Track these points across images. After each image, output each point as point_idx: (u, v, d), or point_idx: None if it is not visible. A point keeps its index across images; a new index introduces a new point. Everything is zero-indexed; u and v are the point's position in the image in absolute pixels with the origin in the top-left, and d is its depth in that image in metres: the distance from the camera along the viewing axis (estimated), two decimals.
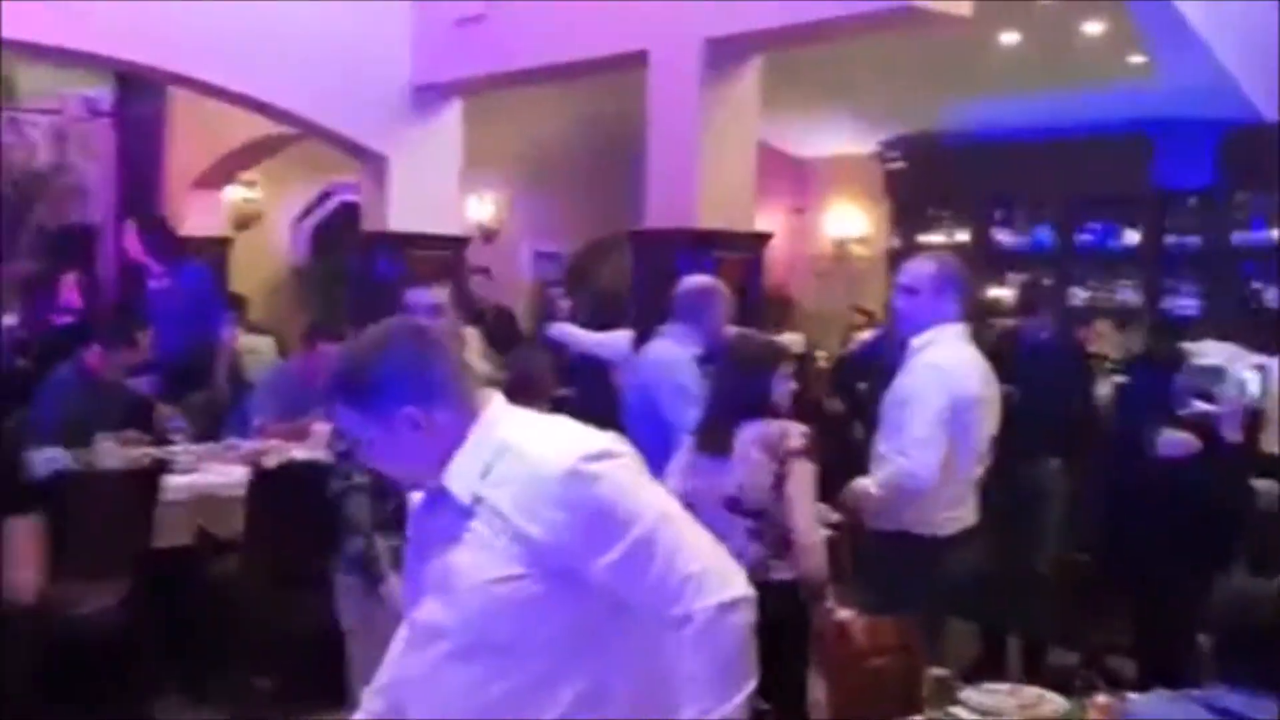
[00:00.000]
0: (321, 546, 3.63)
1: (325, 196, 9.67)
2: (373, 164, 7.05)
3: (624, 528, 1.85)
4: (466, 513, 1.88)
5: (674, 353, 4.31)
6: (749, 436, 3.50)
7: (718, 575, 1.88)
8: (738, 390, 3.60)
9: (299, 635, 4.28)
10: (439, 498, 1.92)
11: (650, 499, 1.91)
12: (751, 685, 1.88)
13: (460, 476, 1.89)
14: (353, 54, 6.67)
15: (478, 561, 1.86)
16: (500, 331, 7.12)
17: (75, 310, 6.45)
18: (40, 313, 6.67)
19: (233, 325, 7.04)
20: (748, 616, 1.88)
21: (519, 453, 1.88)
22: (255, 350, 7.24)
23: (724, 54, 5.47)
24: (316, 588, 3.69)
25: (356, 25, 6.69)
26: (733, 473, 3.49)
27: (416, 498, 2.04)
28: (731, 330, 4.29)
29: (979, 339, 3.93)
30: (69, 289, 6.71)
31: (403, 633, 2.07)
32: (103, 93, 8.98)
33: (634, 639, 1.93)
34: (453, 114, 7.12)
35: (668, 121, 5.57)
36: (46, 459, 4.55)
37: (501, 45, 6.39)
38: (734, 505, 3.48)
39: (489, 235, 9.38)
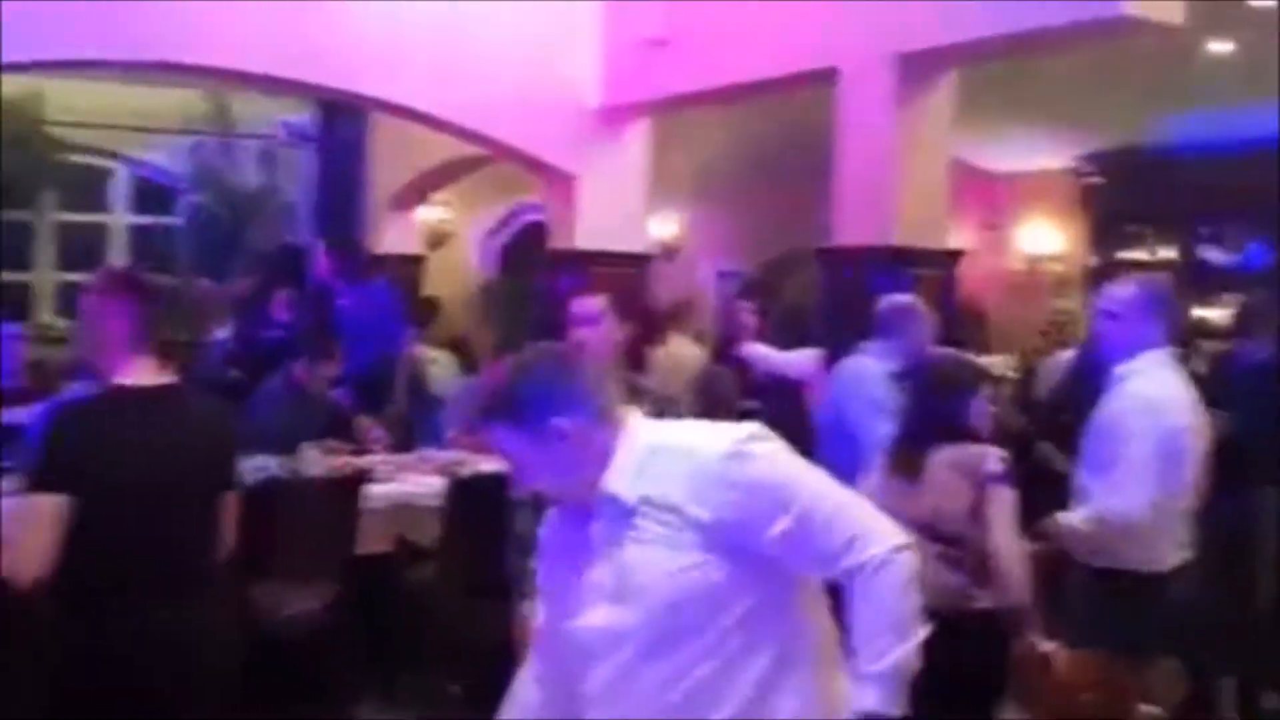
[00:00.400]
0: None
1: (513, 215, 9.91)
2: (560, 183, 7.19)
3: (788, 498, 1.99)
4: (630, 514, 2.00)
5: (871, 368, 4.27)
6: (943, 460, 3.41)
7: (880, 528, 2.04)
8: (933, 411, 3.52)
9: (490, 642, 4.38)
10: (590, 508, 2.04)
11: (805, 470, 2.06)
12: (923, 631, 2.02)
13: (621, 480, 2.02)
14: (542, 77, 6.84)
15: (655, 557, 1.98)
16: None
17: (284, 325, 6.78)
18: (252, 328, 7.04)
19: (415, 340, 7.30)
20: (913, 562, 2.03)
21: (675, 449, 2.04)
22: (438, 363, 7.47)
23: (918, 69, 5.40)
24: (507, 597, 3.77)
25: (546, 49, 6.86)
26: (925, 497, 3.42)
27: (550, 516, 2.15)
28: (933, 350, 4.22)
29: (1186, 363, 3.76)
30: (279, 306, 7.06)
31: (551, 651, 2.15)
32: (308, 119, 9.41)
33: (811, 599, 2.09)
34: (638, 133, 7.22)
35: (858, 138, 5.52)
36: (256, 466, 4.79)
37: (688, 65, 6.45)
38: (927, 531, 3.40)
39: (670, 253, 9.45)
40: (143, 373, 2.86)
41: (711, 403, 4.49)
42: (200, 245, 9.00)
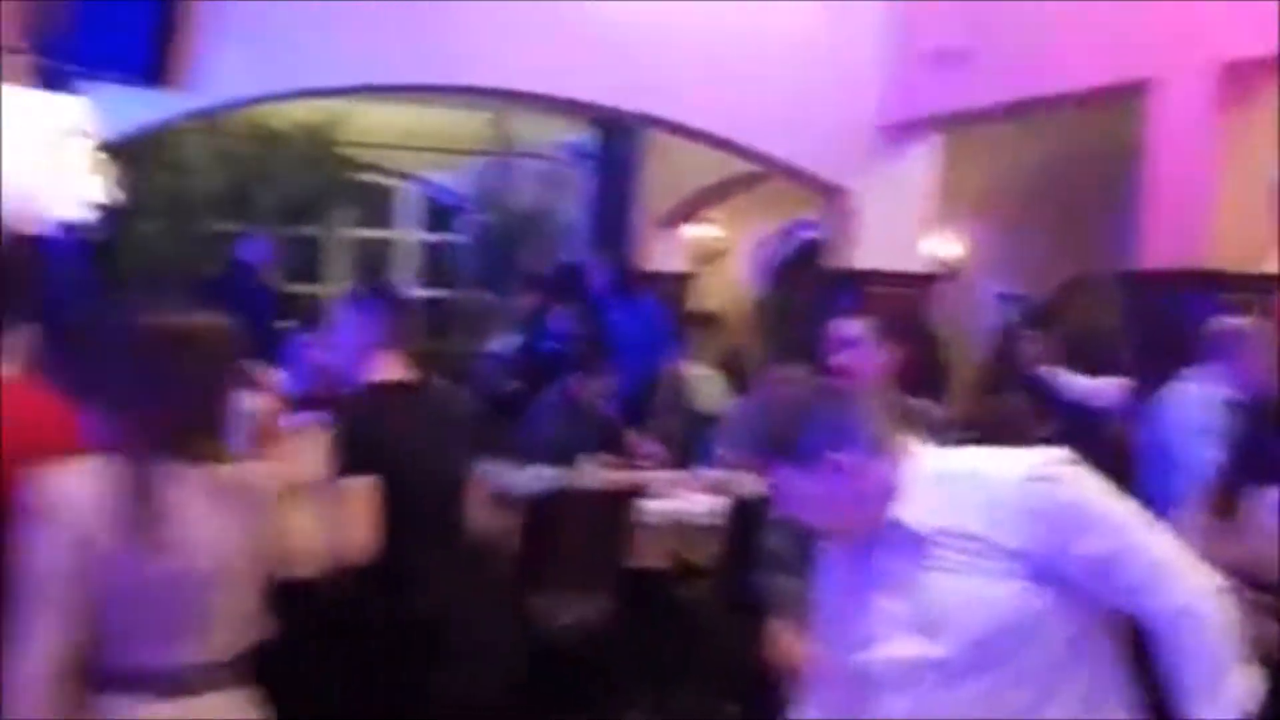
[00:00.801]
0: None
1: (786, 233, 9.85)
2: (838, 200, 7.08)
3: (1094, 525, 1.93)
4: (923, 543, 1.96)
5: (1196, 395, 3.98)
6: (1268, 502, 3.14)
7: (1193, 568, 1.96)
8: (1259, 449, 3.24)
9: (766, 664, 4.33)
10: (871, 539, 2.01)
11: (1114, 498, 1.98)
12: (1256, 676, 1.94)
13: (911, 510, 1.98)
14: (822, 91, 6.75)
15: (965, 585, 1.94)
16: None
17: (561, 339, 6.96)
18: (532, 341, 7.26)
19: (684, 357, 7.31)
20: (1229, 607, 1.96)
21: (968, 476, 2.00)
22: (706, 380, 7.46)
23: (1242, 79, 5.03)
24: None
25: (828, 63, 6.78)
26: (1244, 540, 3.15)
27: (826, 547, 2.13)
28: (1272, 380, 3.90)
29: None
30: (557, 320, 7.25)
31: (834, 682, 2.11)
32: (585, 139, 9.64)
33: (1120, 634, 2.02)
34: (923, 150, 7.04)
35: (1172, 154, 5.19)
36: (534, 476, 4.91)
37: (985, 78, 6.23)
38: (1244, 576, 3.13)
39: (950, 274, 9.16)
40: (391, 371, 3.16)
41: (1005, 430, 4.28)
42: (481, 261, 9.36)
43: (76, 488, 2.06)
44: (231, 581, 2.16)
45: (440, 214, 9.98)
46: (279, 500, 2.22)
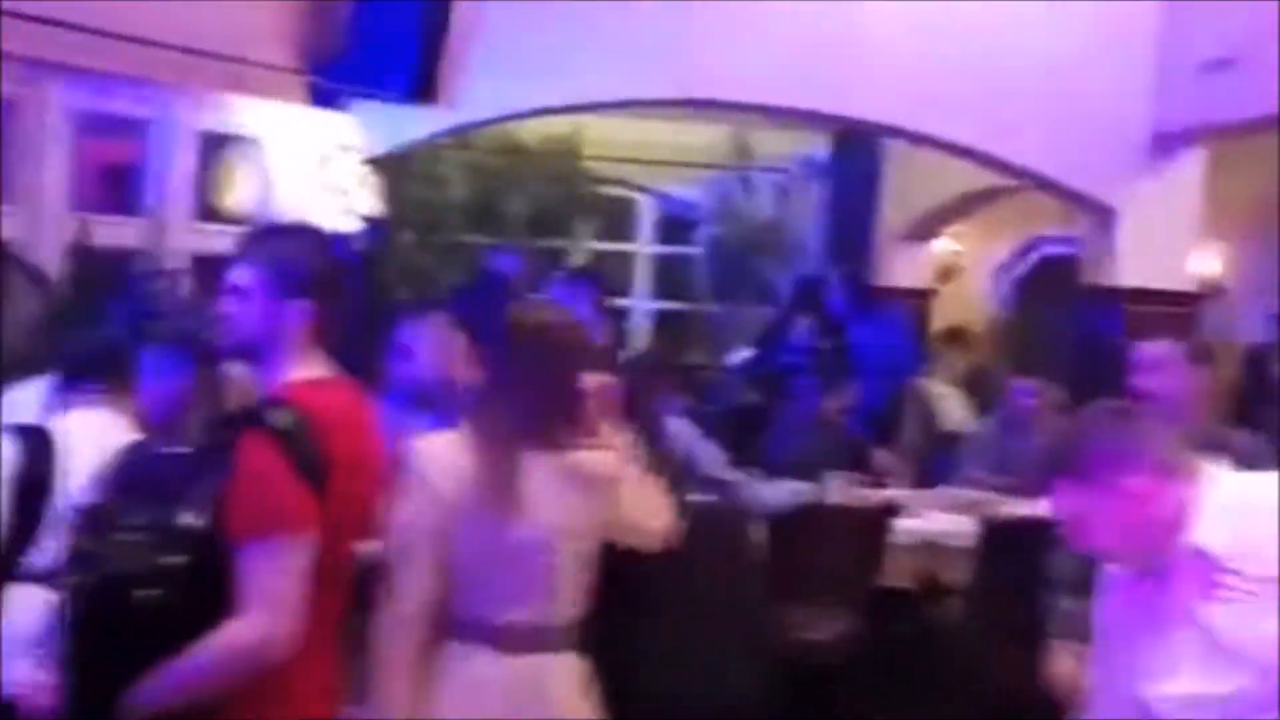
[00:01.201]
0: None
1: (1030, 248, 9.56)
2: (1099, 216, 6.83)
3: None
4: (1221, 572, 1.91)
5: None
6: None
7: None
8: None
9: (1015, 692, 4.21)
10: (1160, 566, 1.97)
11: None
12: None
13: (1210, 536, 1.94)
14: (1086, 103, 6.52)
15: (1253, 619, 1.89)
16: None
17: (802, 353, 6.95)
18: (772, 354, 7.27)
19: (926, 374, 7.18)
20: None
21: (1270, 505, 1.93)
22: (949, 399, 7.30)
23: None
24: (1036, 643, 3.61)
25: (1087, 73, 6.54)
26: None
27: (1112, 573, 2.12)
28: None
29: None
30: (799, 334, 7.25)
31: (1113, 712, 2.07)
32: (821, 151, 9.59)
33: None
34: (1190, 163, 6.72)
35: None
36: (780, 490, 4.91)
37: (1252, 88, 5.90)
38: None
39: (1216, 292, 8.70)
40: None
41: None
42: (716, 274, 9.42)
43: (445, 457, 2.37)
44: (572, 554, 2.42)
45: (677, 227, 10.10)
46: (615, 484, 2.45)
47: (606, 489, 2.45)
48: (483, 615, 2.37)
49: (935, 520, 5.02)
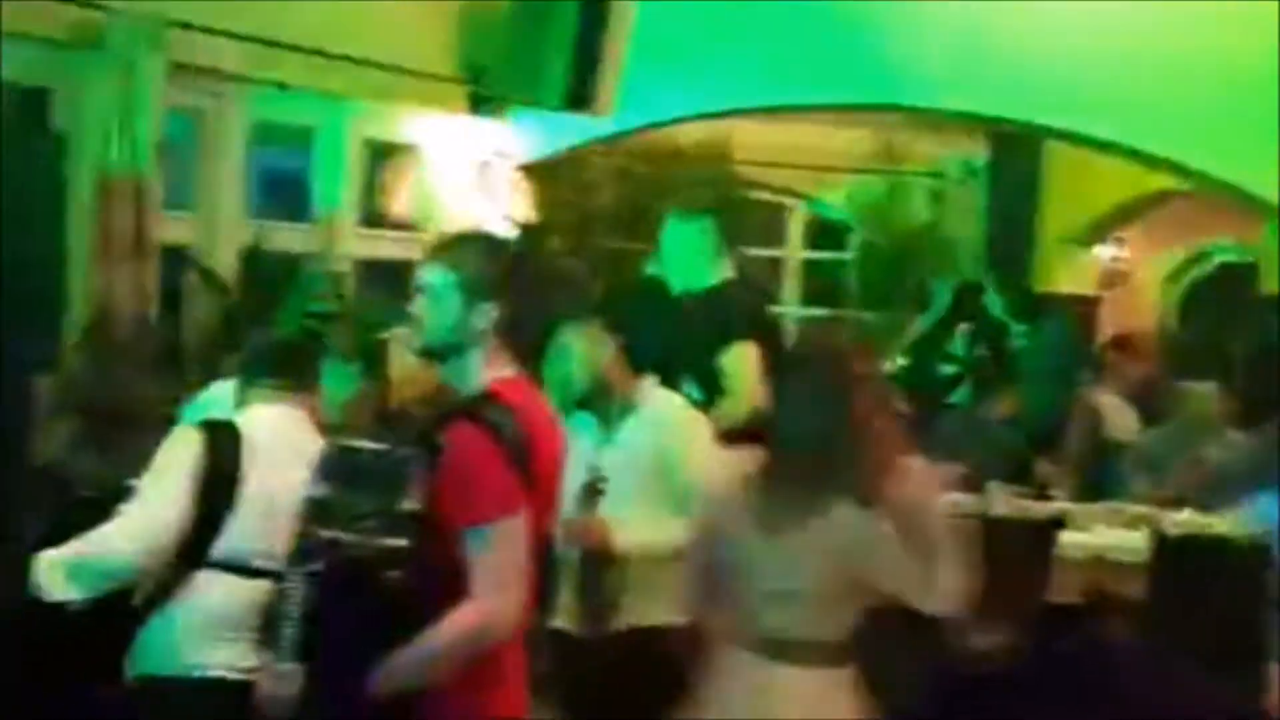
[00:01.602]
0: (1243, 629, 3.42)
1: (1200, 257, 9.26)
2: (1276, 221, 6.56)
3: None
4: None
5: None
6: None
7: None
8: None
9: (1194, 716, 4.08)
10: None
11: None
12: None
13: None
14: (1264, 104, 6.25)
15: None
16: None
17: (960, 361, 6.85)
18: (928, 361, 7.18)
19: (1093, 384, 6.98)
20: None
21: None
22: (1116, 409, 7.09)
23: None
24: (1215, 663, 3.50)
25: (1269, 74, 6.27)
26: None
27: None
28: None
29: None
30: (956, 341, 7.14)
31: None
32: (979, 154, 9.43)
33: None
34: None
35: None
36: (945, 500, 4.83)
37: None
38: None
39: None
40: None
41: None
42: (868, 280, 9.33)
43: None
44: (845, 580, 2.57)
45: (828, 232, 10.04)
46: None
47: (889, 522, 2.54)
48: (741, 623, 2.60)
49: (1103, 534, 4.90)
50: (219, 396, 3.25)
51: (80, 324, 4.58)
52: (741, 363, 4.14)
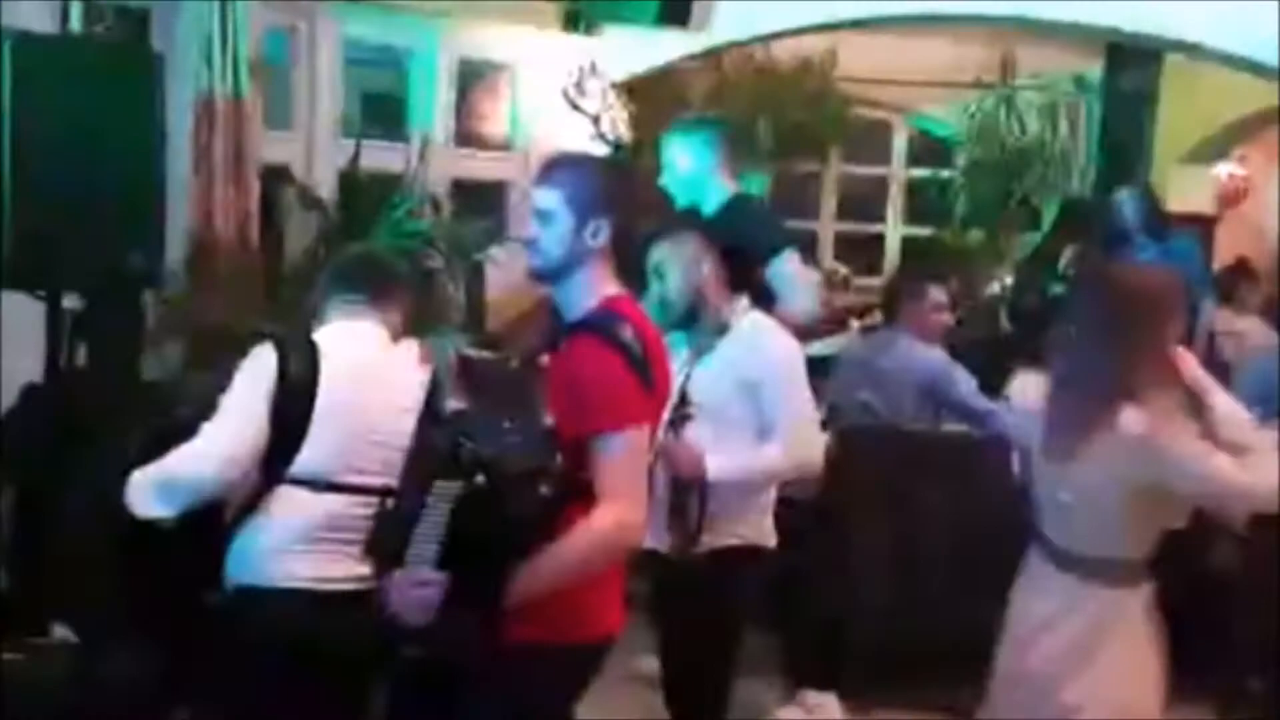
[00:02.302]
0: None
1: None
2: None
3: None
4: None
5: None
6: None
7: None
8: None
9: None
10: None
11: None
12: None
13: None
14: None
15: None
16: None
17: (1070, 280, 6.69)
18: (1036, 282, 7.04)
19: (1214, 306, 6.79)
20: None
21: None
22: (1238, 334, 6.89)
23: None
24: None
25: None
26: None
27: None
28: None
29: None
30: (1068, 261, 6.97)
31: None
32: (1092, 68, 9.15)
33: None
34: None
35: None
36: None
37: None
38: None
39: None
40: None
41: None
42: (974, 198, 9.16)
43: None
44: (1132, 500, 2.66)
45: (933, 150, 9.86)
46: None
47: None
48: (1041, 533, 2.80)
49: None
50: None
51: (182, 244, 4.74)
52: (794, 266, 4.28)
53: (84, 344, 4.05)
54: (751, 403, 3.31)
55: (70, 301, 3.99)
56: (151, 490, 2.77)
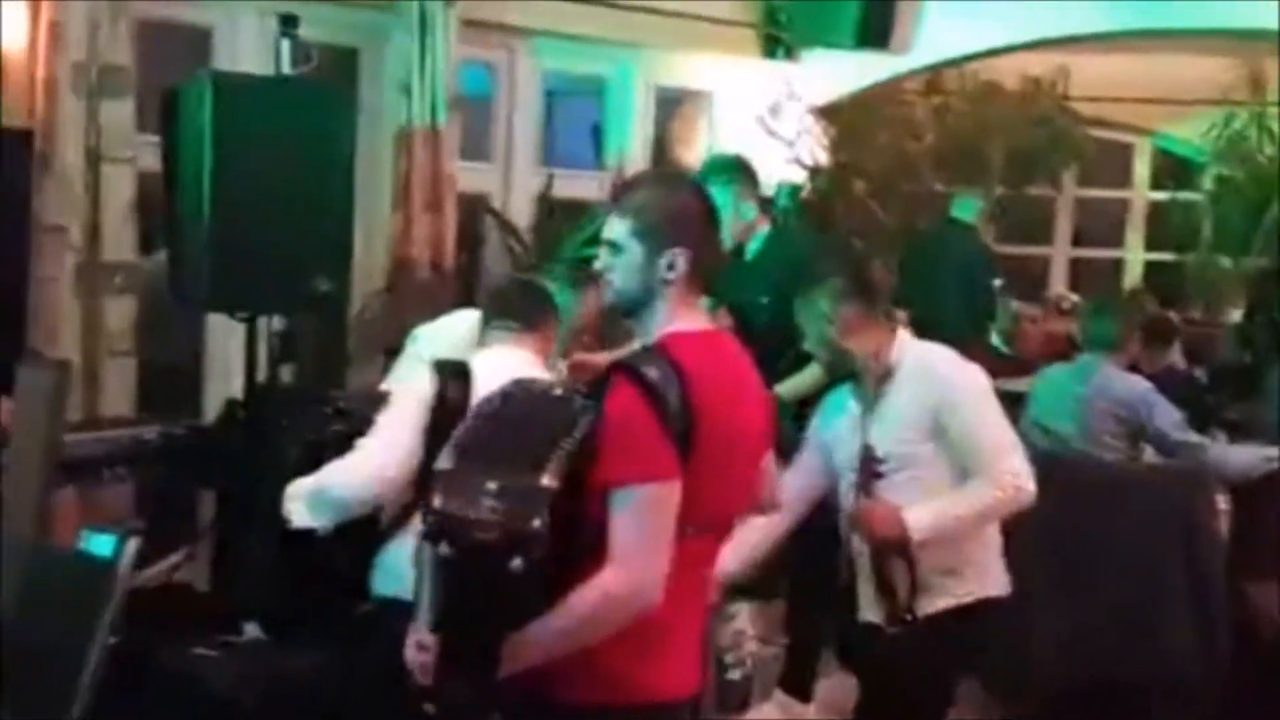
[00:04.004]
0: None
1: None
2: None
3: None
4: None
5: None
6: None
7: None
8: None
9: None
10: None
11: None
12: None
13: None
14: None
15: None
16: None
17: None
18: (1270, 308, 6.69)
19: None
20: None
21: None
22: None
23: None
24: None
25: None
26: None
27: None
28: None
29: None
30: None
31: None
32: None
33: None
34: None
35: None
36: (1256, 455, 4.57)
37: None
38: None
39: None
40: None
41: None
42: (1222, 221, 8.73)
43: None
44: None
45: (1177, 171, 9.45)
46: None
47: None
48: None
49: None
50: (446, 326, 3.50)
51: (376, 269, 5.09)
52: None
53: (284, 361, 4.41)
54: (941, 442, 3.08)
55: (275, 324, 4.37)
56: (305, 501, 2.98)
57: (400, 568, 2.89)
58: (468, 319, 3.98)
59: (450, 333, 3.65)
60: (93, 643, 2.56)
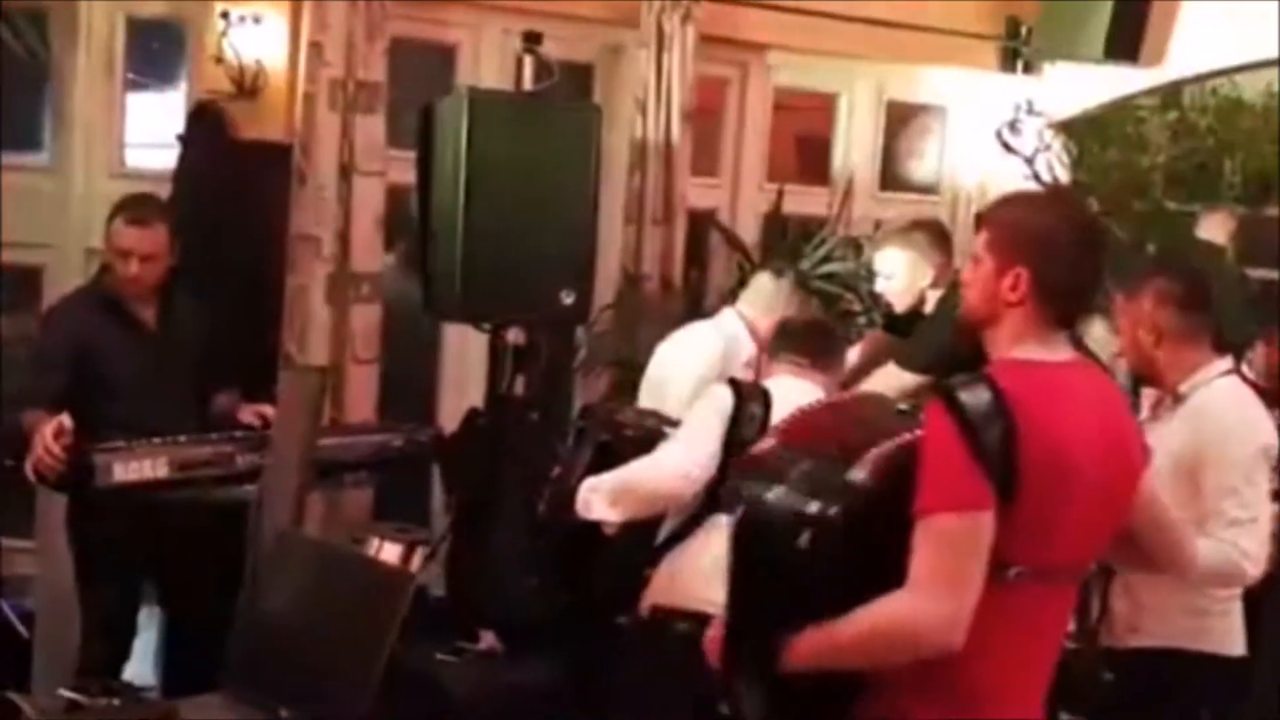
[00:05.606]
0: None
1: None
2: None
3: None
4: None
5: None
6: None
7: None
8: None
9: None
10: None
11: None
12: None
13: None
14: None
15: None
16: None
17: None
18: None
19: None
20: None
21: None
22: None
23: None
24: None
25: None
26: None
27: None
28: None
29: None
30: None
31: None
32: None
33: None
34: None
35: None
36: None
37: None
38: None
39: None
40: None
41: None
42: None
43: None
44: None
45: None
46: None
47: None
48: None
49: None
50: (688, 344, 3.71)
51: (611, 283, 5.21)
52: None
53: (522, 373, 4.57)
54: (1189, 489, 2.97)
55: (513, 335, 4.54)
56: (606, 495, 3.21)
57: (676, 577, 3.18)
58: (706, 336, 4.13)
59: (701, 351, 3.84)
60: (383, 647, 2.71)
